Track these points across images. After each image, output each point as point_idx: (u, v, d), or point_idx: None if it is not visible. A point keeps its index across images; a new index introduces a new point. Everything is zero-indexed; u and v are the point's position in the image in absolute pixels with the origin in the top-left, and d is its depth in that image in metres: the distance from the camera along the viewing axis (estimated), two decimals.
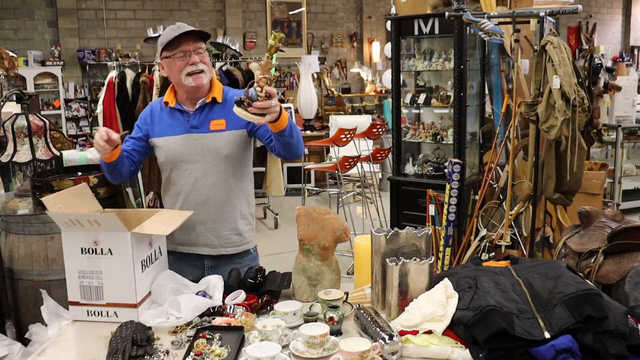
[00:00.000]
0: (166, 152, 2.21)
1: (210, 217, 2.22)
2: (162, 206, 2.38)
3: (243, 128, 2.19)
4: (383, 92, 12.02)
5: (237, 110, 1.88)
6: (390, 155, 4.87)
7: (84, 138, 9.76)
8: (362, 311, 1.77)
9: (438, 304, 1.66)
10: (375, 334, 1.63)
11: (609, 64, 12.61)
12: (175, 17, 10.94)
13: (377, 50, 12.82)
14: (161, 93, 5.67)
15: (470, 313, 1.57)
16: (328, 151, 7.54)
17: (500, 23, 3.58)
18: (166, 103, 2.23)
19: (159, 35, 8.63)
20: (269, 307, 1.93)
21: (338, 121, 7.74)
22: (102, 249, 1.84)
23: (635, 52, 15.92)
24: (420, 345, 1.61)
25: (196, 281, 2.06)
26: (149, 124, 2.25)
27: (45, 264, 2.69)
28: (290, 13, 12.11)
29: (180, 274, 2.11)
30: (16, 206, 2.87)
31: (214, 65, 6.42)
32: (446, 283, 1.74)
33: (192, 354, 1.63)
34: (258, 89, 1.84)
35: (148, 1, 10.79)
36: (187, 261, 2.28)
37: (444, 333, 1.63)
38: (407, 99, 4.47)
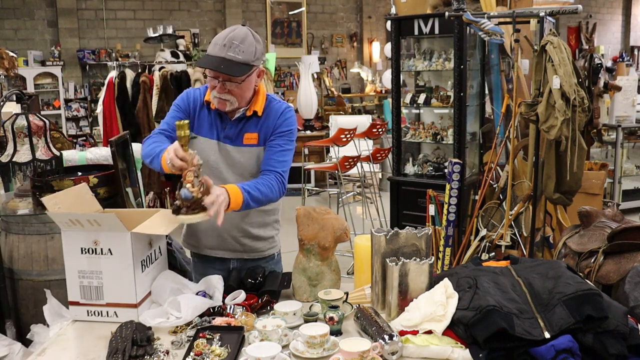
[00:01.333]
0: (200, 152, 2.04)
1: (235, 225, 2.17)
2: (162, 206, 2.38)
3: (269, 139, 2.13)
4: (383, 92, 12.02)
5: (179, 219, 1.74)
6: (390, 155, 4.87)
7: (84, 138, 9.76)
8: (362, 311, 1.77)
9: (438, 304, 1.66)
10: (375, 334, 1.63)
11: (609, 64, 12.61)
12: (175, 17, 10.95)
13: (377, 50, 12.82)
14: (161, 93, 5.68)
15: (470, 313, 1.57)
16: (328, 151, 7.54)
17: (500, 23, 3.58)
18: (208, 102, 2.10)
19: (159, 35, 8.61)
20: (269, 307, 1.93)
21: (338, 121, 7.74)
22: (102, 249, 1.83)
23: (635, 52, 15.92)
24: (420, 345, 1.61)
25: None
26: (191, 111, 2.13)
27: (45, 264, 2.69)
28: (290, 13, 12.11)
29: (205, 275, 2.11)
30: (16, 206, 2.87)
31: None
32: (446, 283, 1.75)
33: (192, 354, 1.63)
34: (188, 185, 1.68)
35: (148, 1, 10.79)
36: (211, 263, 2.25)
37: (444, 333, 1.63)
38: (407, 99, 4.47)
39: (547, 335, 1.51)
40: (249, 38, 1.96)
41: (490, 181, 3.76)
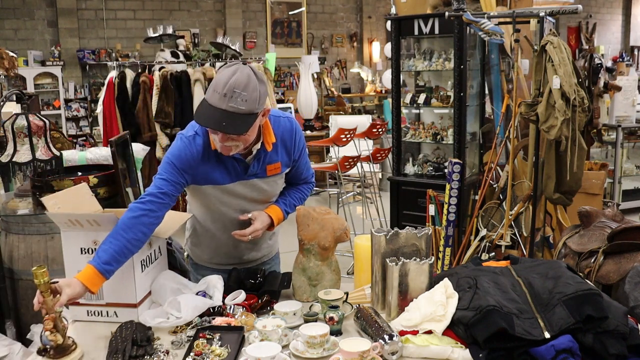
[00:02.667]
0: (220, 199, 2.03)
1: (242, 245, 2.17)
2: None
3: (292, 163, 2.13)
4: (383, 92, 12.02)
5: None
6: (390, 155, 4.87)
7: (84, 138, 9.76)
8: (362, 311, 1.77)
9: (438, 304, 1.66)
10: (375, 334, 1.63)
11: (609, 64, 12.60)
12: (175, 17, 10.95)
13: (377, 50, 12.82)
14: (161, 93, 5.67)
15: (470, 313, 1.57)
16: (328, 151, 7.54)
17: (500, 23, 3.57)
18: (216, 150, 1.92)
19: (159, 35, 8.57)
20: (269, 307, 1.93)
21: (338, 121, 7.74)
22: None
23: (635, 52, 15.92)
24: (420, 345, 1.61)
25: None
26: (194, 169, 1.93)
27: (45, 264, 2.69)
28: (290, 13, 12.11)
29: (202, 276, 2.11)
30: (16, 206, 2.87)
31: (213, 65, 6.42)
32: (446, 283, 1.75)
33: (192, 354, 1.63)
34: (47, 333, 1.60)
35: (148, 1, 10.79)
36: (212, 272, 2.22)
37: (444, 333, 1.63)
38: (407, 99, 4.47)
39: (547, 335, 1.51)
40: (252, 82, 1.76)
41: (490, 181, 3.76)
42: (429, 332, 1.64)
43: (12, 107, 4.58)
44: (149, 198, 1.86)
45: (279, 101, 10.00)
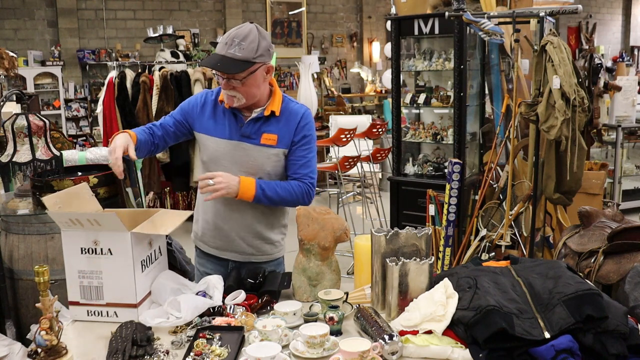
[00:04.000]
0: (210, 152, 2.14)
1: (246, 226, 2.18)
2: (162, 206, 2.37)
3: (290, 145, 2.14)
4: (383, 92, 12.02)
5: None
6: (390, 155, 4.87)
7: (84, 138, 9.75)
8: (362, 311, 1.77)
9: (438, 304, 1.66)
10: (375, 334, 1.64)
11: (609, 64, 12.60)
12: (175, 17, 10.94)
13: (377, 50, 12.82)
14: (161, 93, 5.68)
15: (470, 313, 1.57)
16: (328, 151, 7.55)
17: (500, 23, 3.57)
18: (222, 101, 2.13)
19: (159, 35, 8.58)
20: (269, 307, 1.93)
21: (338, 121, 7.74)
22: (102, 249, 1.83)
23: (635, 52, 15.92)
24: (420, 345, 1.61)
25: None
26: (198, 114, 2.16)
27: (45, 264, 2.68)
28: (290, 13, 12.11)
29: (204, 268, 2.20)
30: (16, 206, 2.87)
31: None
32: (446, 283, 1.75)
33: (192, 354, 1.63)
34: (43, 333, 1.59)
35: (148, 1, 10.79)
36: (213, 260, 2.28)
37: (444, 333, 1.63)
38: (407, 99, 4.47)
39: (547, 335, 1.51)
40: (252, 35, 1.97)
41: (490, 181, 3.76)
42: (429, 332, 1.64)
43: (12, 107, 4.59)
44: (151, 125, 2.18)
45: None
